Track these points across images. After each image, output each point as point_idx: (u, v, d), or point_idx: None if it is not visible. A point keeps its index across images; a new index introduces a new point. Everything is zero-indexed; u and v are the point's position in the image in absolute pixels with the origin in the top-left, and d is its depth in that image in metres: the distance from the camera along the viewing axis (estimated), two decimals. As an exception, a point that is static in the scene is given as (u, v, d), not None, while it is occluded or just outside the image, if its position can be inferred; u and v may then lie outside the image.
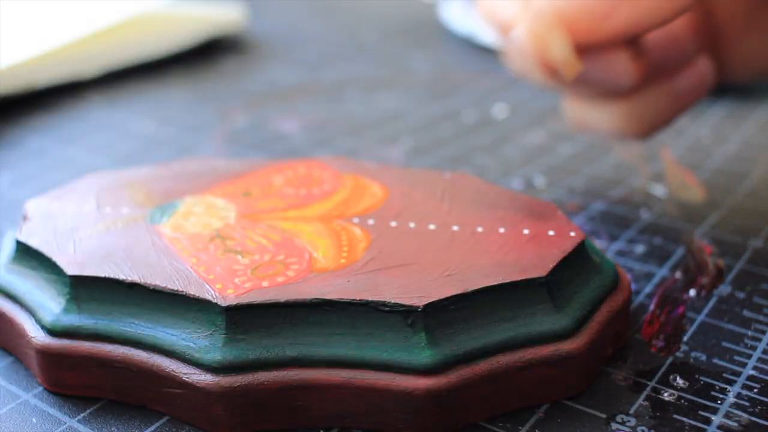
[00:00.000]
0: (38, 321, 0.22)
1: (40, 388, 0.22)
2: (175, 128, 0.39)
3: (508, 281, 0.20)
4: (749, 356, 0.22)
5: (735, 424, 0.20)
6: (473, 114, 0.42)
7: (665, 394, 0.21)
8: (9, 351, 0.23)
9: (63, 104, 0.42)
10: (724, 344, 0.23)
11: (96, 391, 0.21)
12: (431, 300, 0.20)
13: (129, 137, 0.38)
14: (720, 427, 0.20)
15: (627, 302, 0.23)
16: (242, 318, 0.20)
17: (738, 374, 0.21)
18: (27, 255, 0.23)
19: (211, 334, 0.20)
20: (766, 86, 0.42)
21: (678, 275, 0.26)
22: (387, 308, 0.20)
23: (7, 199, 0.32)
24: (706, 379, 0.21)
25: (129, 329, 0.21)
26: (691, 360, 0.22)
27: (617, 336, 0.22)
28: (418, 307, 0.20)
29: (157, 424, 0.20)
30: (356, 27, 0.55)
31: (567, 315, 0.21)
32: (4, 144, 0.37)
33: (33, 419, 0.21)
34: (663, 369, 0.22)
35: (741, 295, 0.25)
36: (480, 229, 0.23)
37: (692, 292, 0.25)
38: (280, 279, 0.21)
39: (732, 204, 0.31)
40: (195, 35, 0.49)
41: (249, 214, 0.24)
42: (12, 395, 0.22)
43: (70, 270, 0.22)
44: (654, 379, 0.21)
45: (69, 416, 0.21)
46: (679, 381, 0.21)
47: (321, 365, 0.20)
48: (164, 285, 0.21)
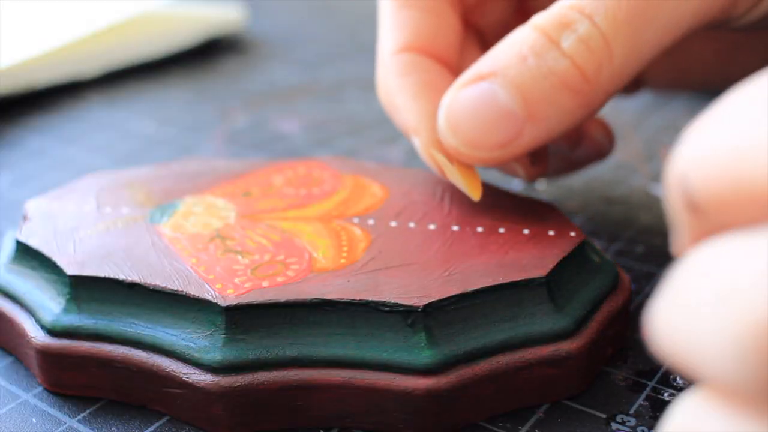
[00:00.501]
0: (38, 321, 0.22)
1: (40, 388, 0.22)
2: (175, 128, 0.39)
3: (508, 281, 0.20)
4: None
5: (735, 424, 0.20)
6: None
7: (665, 394, 0.21)
8: (9, 351, 0.23)
9: (63, 104, 0.42)
10: (724, 344, 0.23)
11: (96, 391, 0.21)
12: (431, 300, 0.20)
13: (129, 137, 0.38)
14: (720, 427, 0.20)
15: (627, 302, 0.23)
16: (242, 318, 0.20)
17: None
18: (27, 255, 0.23)
19: (211, 334, 0.20)
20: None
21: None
22: (387, 308, 0.20)
23: (7, 199, 0.32)
24: (706, 379, 0.21)
25: (129, 329, 0.21)
26: (691, 360, 0.22)
27: (617, 336, 0.22)
28: (418, 307, 0.20)
29: (157, 424, 0.20)
30: (356, 27, 0.55)
31: (567, 315, 0.21)
32: (4, 144, 0.37)
33: (33, 419, 0.21)
34: (663, 369, 0.22)
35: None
36: (480, 229, 0.23)
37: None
38: (280, 279, 0.21)
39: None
40: (195, 35, 0.49)
41: (249, 214, 0.24)
42: (12, 395, 0.22)
43: (70, 270, 0.22)
44: (654, 379, 0.21)
45: (69, 416, 0.21)
46: (679, 381, 0.21)
47: (321, 365, 0.20)
48: (164, 285, 0.21)
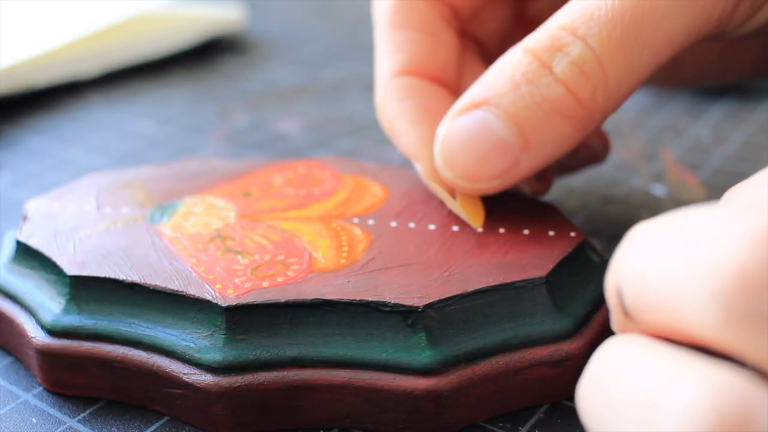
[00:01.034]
0: (38, 321, 0.22)
1: (40, 388, 0.22)
2: (175, 128, 0.39)
3: (508, 281, 0.20)
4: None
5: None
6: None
7: (665, 395, 0.21)
8: (9, 351, 0.23)
9: (63, 104, 0.42)
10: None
11: (96, 391, 0.21)
12: (431, 300, 0.20)
13: (129, 137, 0.38)
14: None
15: (627, 302, 0.23)
16: (242, 318, 0.20)
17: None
18: (27, 255, 0.23)
19: (211, 335, 0.20)
20: (766, 86, 0.42)
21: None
22: (387, 308, 0.20)
23: (7, 199, 0.32)
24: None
25: (129, 329, 0.21)
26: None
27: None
28: (418, 308, 0.20)
29: (157, 424, 0.20)
30: (356, 27, 0.55)
31: (567, 315, 0.21)
32: (4, 144, 0.37)
33: (33, 419, 0.21)
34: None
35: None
36: (480, 229, 0.23)
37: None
38: (280, 279, 0.21)
39: (732, 204, 0.31)
40: (195, 35, 0.49)
41: (249, 214, 0.24)
42: (12, 395, 0.22)
43: (70, 270, 0.22)
44: (654, 380, 0.21)
45: (69, 416, 0.21)
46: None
47: (321, 365, 0.20)
48: (164, 285, 0.21)
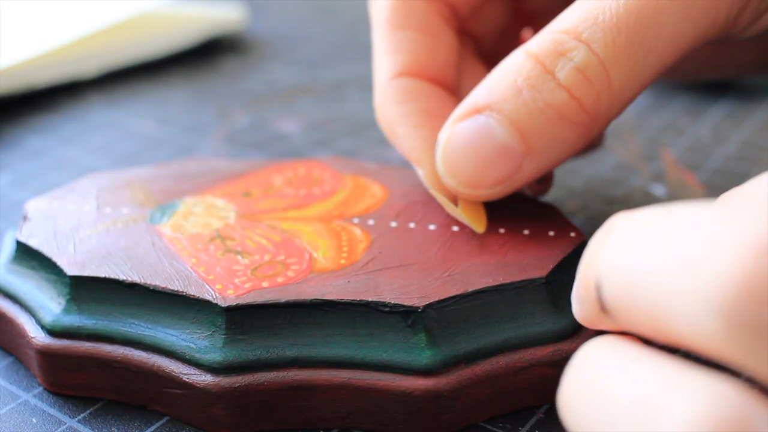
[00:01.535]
0: (38, 321, 0.22)
1: (40, 388, 0.22)
2: (175, 128, 0.39)
3: (508, 281, 0.20)
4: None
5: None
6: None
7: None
8: (9, 351, 0.23)
9: (63, 104, 0.42)
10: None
11: (96, 392, 0.21)
12: (431, 300, 0.20)
13: (129, 137, 0.38)
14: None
15: (627, 302, 0.23)
16: (242, 318, 0.20)
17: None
18: (27, 255, 0.23)
19: (211, 335, 0.20)
20: (766, 86, 0.42)
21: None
22: (387, 309, 0.20)
23: (7, 199, 0.32)
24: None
25: (129, 329, 0.21)
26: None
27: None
28: (418, 308, 0.20)
29: (157, 425, 0.20)
30: (356, 27, 0.55)
31: (567, 315, 0.21)
32: (4, 144, 0.37)
33: (33, 419, 0.21)
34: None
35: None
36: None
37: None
38: (280, 279, 0.21)
39: (732, 204, 0.31)
40: (195, 35, 0.49)
41: (249, 215, 0.24)
42: (12, 395, 0.22)
43: (70, 270, 0.22)
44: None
45: (69, 416, 0.21)
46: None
47: (321, 366, 0.20)
48: (164, 285, 0.21)
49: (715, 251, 0.12)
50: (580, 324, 0.21)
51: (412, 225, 0.24)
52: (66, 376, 0.21)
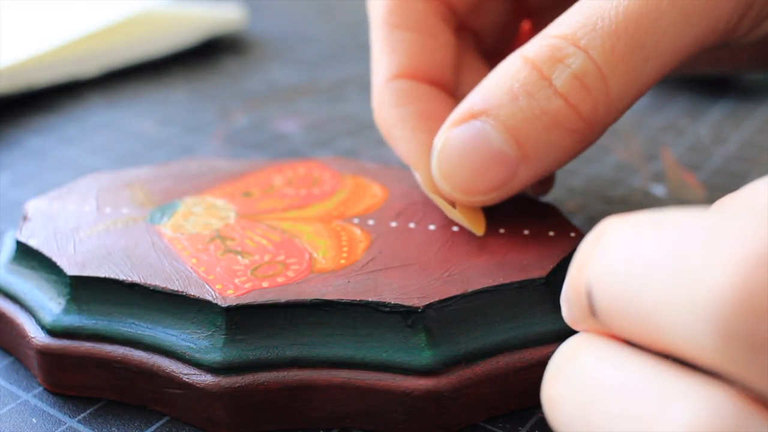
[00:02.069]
0: (38, 321, 0.22)
1: (40, 388, 0.22)
2: (175, 128, 0.39)
3: (508, 281, 0.20)
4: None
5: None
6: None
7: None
8: (9, 351, 0.23)
9: (63, 104, 0.42)
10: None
11: (96, 392, 0.21)
12: (431, 300, 0.20)
13: (129, 137, 0.38)
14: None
15: (627, 302, 0.22)
16: (242, 318, 0.20)
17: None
18: (27, 255, 0.23)
19: (212, 335, 0.20)
20: (766, 86, 0.42)
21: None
22: (387, 309, 0.20)
23: (7, 199, 0.32)
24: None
25: (129, 330, 0.21)
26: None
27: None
28: (419, 308, 0.20)
29: (157, 425, 0.20)
30: (356, 27, 0.55)
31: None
32: (4, 144, 0.37)
33: (33, 419, 0.21)
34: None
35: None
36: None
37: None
38: (280, 279, 0.21)
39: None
40: (195, 35, 0.49)
41: (249, 215, 0.24)
42: (12, 395, 0.22)
43: (70, 270, 0.22)
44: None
45: (69, 416, 0.21)
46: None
47: (321, 366, 0.20)
48: (164, 285, 0.21)
49: (711, 262, 0.12)
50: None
51: (412, 225, 0.24)
52: (66, 376, 0.21)
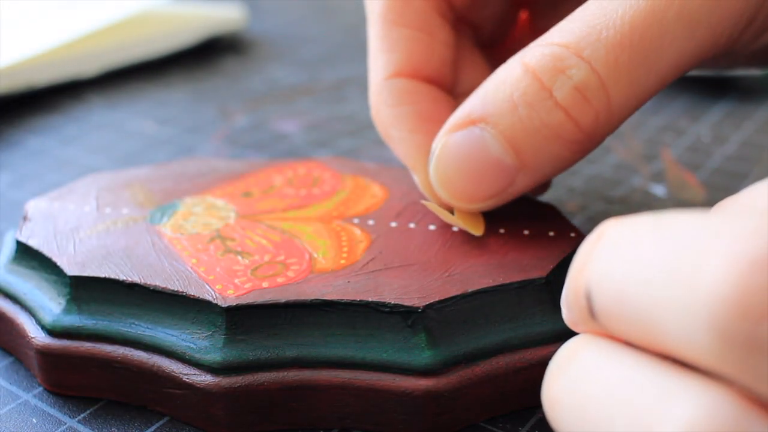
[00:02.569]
0: (38, 321, 0.22)
1: (40, 389, 0.22)
2: (175, 128, 0.39)
3: (508, 282, 0.20)
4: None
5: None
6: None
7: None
8: (9, 351, 0.23)
9: (63, 104, 0.42)
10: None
11: (96, 392, 0.21)
12: (431, 301, 0.20)
13: (129, 137, 0.38)
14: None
15: (627, 303, 0.22)
16: (242, 318, 0.20)
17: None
18: (27, 255, 0.23)
19: (212, 335, 0.20)
20: (767, 86, 0.42)
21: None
22: (387, 309, 0.20)
23: (7, 199, 0.32)
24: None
25: (129, 330, 0.21)
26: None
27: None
28: (419, 308, 0.20)
29: (157, 425, 0.20)
30: (356, 27, 0.55)
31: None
32: (4, 144, 0.37)
33: (33, 419, 0.21)
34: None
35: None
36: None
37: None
38: (281, 279, 0.21)
39: (732, 204, 0.31)
40: (195, 35, 0.49)
41: (249, 215, 0.24)
42: (12, 395, 0.22)
43: (71, 270, 0.22)
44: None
45: (69, 416, 0.21)
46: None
47: (321, 366, 0.20)
48: (164, 285, 0.21)
49: (708, 264, 0.12)
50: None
51: (412, 225, 0.24)
52: (66, 376, 0.21)
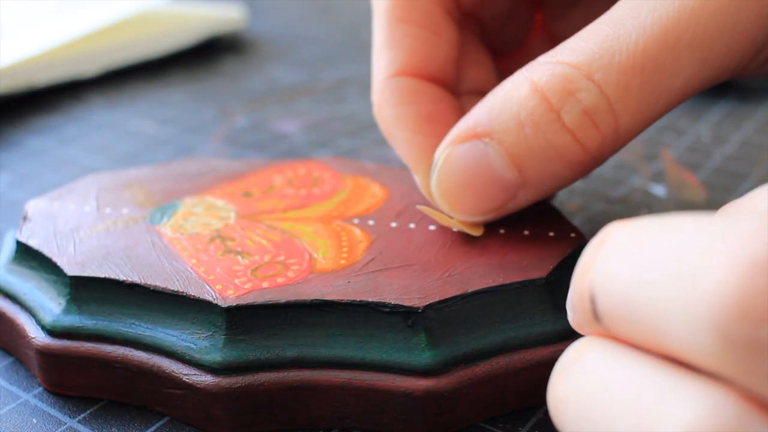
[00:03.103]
0: (38, 321, 0.22)
1: (40, 389, 0.22)
2: (175, 128, 0.39)
3: (508, 282, 0.20)
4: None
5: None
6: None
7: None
8: (9, 351, 0.23)
9: (63, 104, 0.42)
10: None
11: (96, 392, 0.21)
12: (431, 301, 0.20)
13: (129, 137, 0.38)
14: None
15: (627, 303, 0.22)
16: (242, 319, 0.20)
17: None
18: (27, 255, 0.23)
19: (212, 335, 0.20)
20: (767, 86, 0.42)
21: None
22: (387, 309, 0.20)
23: (7, 199, 0.32)
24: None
25: (129, 330, 0.21)
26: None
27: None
28: (419, 308, 0.20)
29: (158, 425, 0.20)
30: (356, 27, 0.55)
31: (567, 316, 0.21)
32: (4, 144, 0.37)
33: (33, 419, 0.21)
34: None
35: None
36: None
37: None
38: (281, 280, 0.21)
39: (732, 204, 0.31)
40: (195, 35, 0.49)
41: (249, 215, 0.24)
42: (12, 395, 0.22)
43: (71, 270, 0.22)
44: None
45: (69, 416, 0.21)
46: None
47: (321, 366, 0.20)
48: (164, 286, 0.21)
49: (709, 267, 0.12)
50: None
51: (413, 225, 0.24)
52: (66, 377, 0.21)
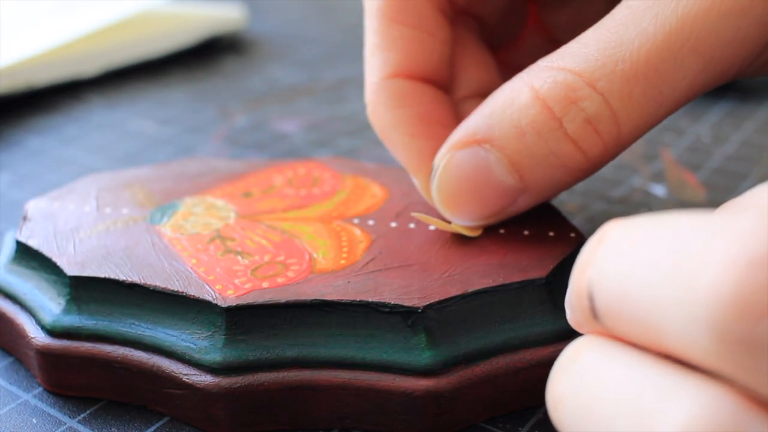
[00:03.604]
0: (38, 321, 0.22)
1: (40, 389, 0.22)
2: (175, 128, 0.39)
3: (508, 282, 0.20)
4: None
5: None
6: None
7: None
8: (9, 351, 0.23)
9: (63, 104, 0.42)
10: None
11: (96, 392, 0.21)
12: (431, 301, 0.20)
13: (129, 137, 0.38)
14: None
15: (627, 303, 0.22)
16: (242, 319, 0.20)
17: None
18: (27, 255, 0.23)
19: (212, 335, 0.20)
20: (767, 86, 0.42)
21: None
22: (387, 309, 0.20)
23: (7, 199, 0.32)
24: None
25: (129, 330, 0.21)
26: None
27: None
28: (419, 308, 0.20)
29: (157, 425, 0.20)
30: (356, 27, 0.55)
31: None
32: (4, 144, 0.37)
33: (33, 419, 0.21)
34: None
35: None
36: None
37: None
38: (281, 280, 0.21)
39: (732, 204, 0.31)
40: (195, 35, 0.49)
41: (249, 215, 0.24)
42: (12, 395, 0.22)
43: (70, 270, 0.22)
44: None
45: (69, 417, 0.21)
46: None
47: (321, 366, 0.20)
48: (164, 286, 0.21)
49: (707, 264, 0.12)
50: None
51: (412, 225, 0.24)
52: (66, 377, 0.21)
